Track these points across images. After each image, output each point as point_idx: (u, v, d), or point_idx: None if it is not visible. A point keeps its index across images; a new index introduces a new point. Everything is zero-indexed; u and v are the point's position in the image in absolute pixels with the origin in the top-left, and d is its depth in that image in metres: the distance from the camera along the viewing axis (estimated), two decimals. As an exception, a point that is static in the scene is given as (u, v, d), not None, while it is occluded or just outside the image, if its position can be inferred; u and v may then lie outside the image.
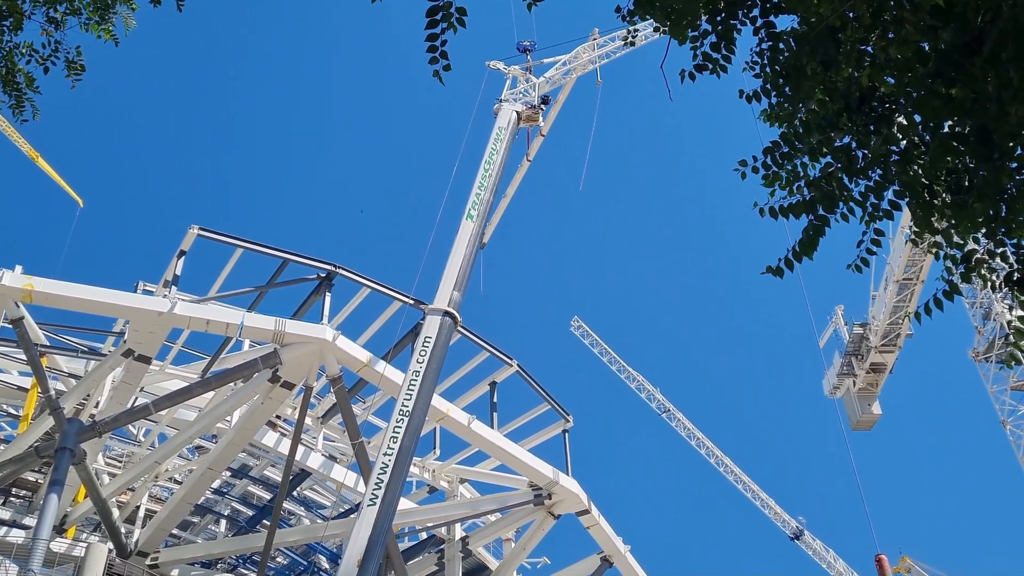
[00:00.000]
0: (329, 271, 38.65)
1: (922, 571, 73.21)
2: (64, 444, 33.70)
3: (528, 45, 46.62)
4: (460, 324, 30.77)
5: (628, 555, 44.16)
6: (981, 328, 61.13)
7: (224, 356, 41.35)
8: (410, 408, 26.19)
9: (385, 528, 23.58)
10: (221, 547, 44.06)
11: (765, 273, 10.11)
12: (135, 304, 34.18)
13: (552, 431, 45.83)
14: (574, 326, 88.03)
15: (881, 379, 64.81)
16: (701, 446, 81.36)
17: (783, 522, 78.45)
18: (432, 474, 46.99)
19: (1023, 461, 57.40)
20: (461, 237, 33.37)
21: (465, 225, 33.59)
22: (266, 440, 40.97)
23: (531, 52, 46.54)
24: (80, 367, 42.23)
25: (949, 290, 8.96)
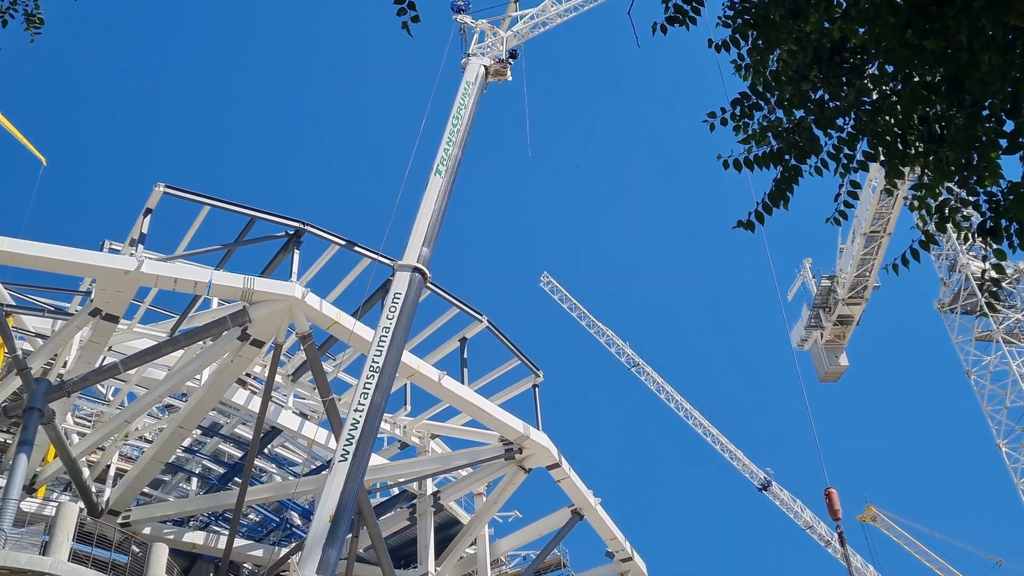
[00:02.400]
0: (297, 228, 38.43)
1: (887, 519, 74.44)
2: (32, 404, 33.48)
3: (462, 5, 45.89)
4: (430, 280, 30.71)
5: (598, 507, 44.58)
6: (947, 280, 61.75)
7: (193, 315, 41.12)
8: (380, 364, 26.16)
9: (357, 484, 23.62)
10: (193, 505, 44.04)
11: (736, 227, 10.09)
12: (101, 263, 33.86)
13: (522, 386, 46.03)
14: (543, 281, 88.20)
15: (848, 331, 65.42)
16: (670, 399, 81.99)
17: (751, 473, 79.35)
18: (403, 430, 47.12)
19: (987, 409, 58.25)
20: (430, 193, 33.22)
21: (434, 181, 33.43)
22: (236, 398, 40.89)
23: (466, 11, 45.80)
24: (47, 327, 41.86)
25: (925, 240, 8.98)
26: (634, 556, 46.53)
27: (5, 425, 38.78)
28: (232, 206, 37.66)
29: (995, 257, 8.38)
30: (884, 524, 74.97)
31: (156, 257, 36.03)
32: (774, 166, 9.51)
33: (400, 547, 46.41)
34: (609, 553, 47.07)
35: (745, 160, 9.65)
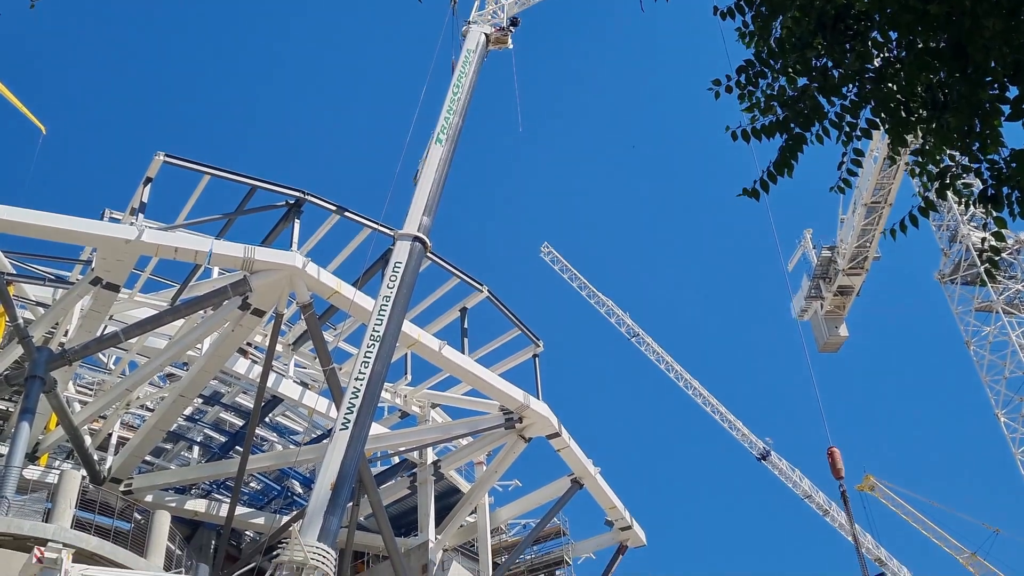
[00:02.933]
0: (298, 198, 38.38)
1: (886, 489, 74.74)
2: (34, 372, 33.60)
3: None
4: (430, 249, 30.71)
5: (598, 476, 44.77)
6: (947, 250, 61.71)
7: (193, 284, 41.12)
8: (381, 334, 26.20)
9: (357, 453, 23.71)
10: (194, 473, 44.28)
11: (741, 196, 10.10)
12: (102, 232, 33.87)
13: (522, 356, 46.12)
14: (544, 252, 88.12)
15: (848, 301, 65.45)
16: (670, 369, 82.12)
17: (750, 443, 79.60)
18: (404, 399, 47.25)
19: (985, 380, 58.38)
20: (430, 162, 33.16)
21: (434, 149, 33.37)
22: (237, 367, 40.99)
23: None
24: (48, 295, 41.90)
25: (924, 206, 8.98)
26: (633, 525, 46.77)
27: (7, 393, 38.89)
28: (232, 175, 37.61)
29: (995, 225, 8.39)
30: (882, 493, 75.28)
31: (156, 226, 36.03)
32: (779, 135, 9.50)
33: (401, 515, 46.66)
34: (608, 522, 47.34)
35: (752, 130, 9.65)
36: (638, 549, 48.13)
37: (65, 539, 27.79)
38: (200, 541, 44.23)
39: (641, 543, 47.68)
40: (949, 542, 73.38)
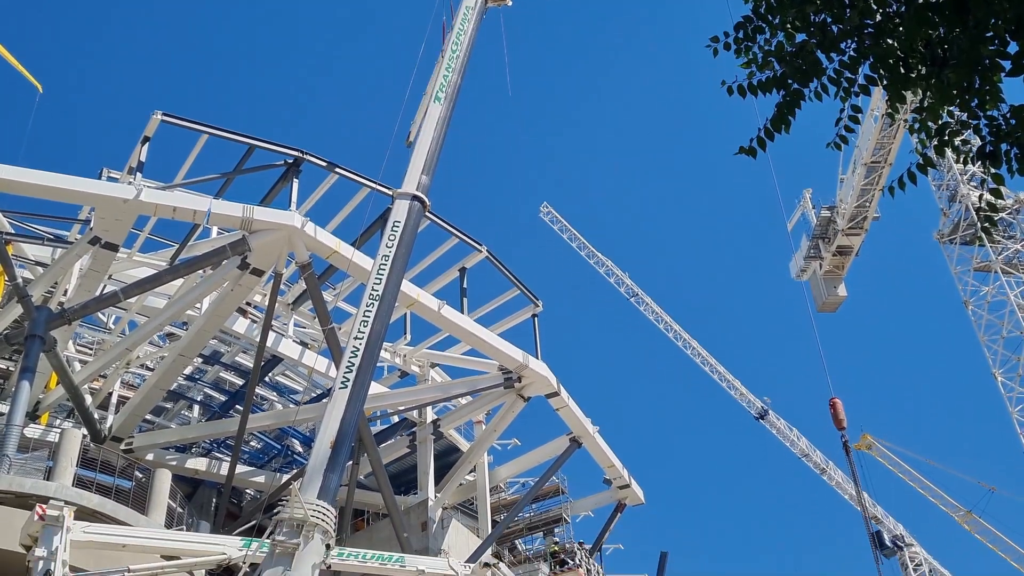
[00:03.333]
0: (296, 157, 38.27)
1: (883, 448, 75.13)
2: (34, 331, 33.66)
3: None
4: (429, 208, 30.63)
5: (597, 436, 44.98)
6: (947, 210, 61.62)
7: (192, 243, 41.10)
8: (380, 293, 26.16)
9: (357, 412, 23.75)
10: (195, 432, 44.48)
11: (738, 154, 10.07)
12: (100, 191, 33.81)
13: (522, 316, 46.20)
14: (543, 212, 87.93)
15: (847, 262, 65.46)
16: (669, 329, 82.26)
17: (748, 402, 79.88)
18: (403, 359, 47.39)
19: (983, 339, 58.50)
20: (429, 121, 32.97)
21: (433, 108, 33.14)
22: (237, 327, 41.08)
23: None
24: (46, 255, 41.88)
25: (923, 163, 8.96)
26: (631, 483, 47.06)
27: (7, 352, 38.99)
28: (230, 134, 37.47)
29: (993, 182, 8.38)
30: (879, 452, 75.70)
31: (155, 185, 35.94)
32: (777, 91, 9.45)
33: (400, 474, 46.93)
34: (607, 480, 47.64)
35: (748, 86, 9.60)
36: (636, 507, 48.51)
37: (66, 497, 27.91)
38: (201, 499, 44.53)
39: (639, 501, 48.01)
40: (945, 500, 73.91)
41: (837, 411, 55.95)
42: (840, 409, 55.24)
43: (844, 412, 54.28)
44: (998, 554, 74.07)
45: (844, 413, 54.52)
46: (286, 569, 19.93)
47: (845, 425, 55.06)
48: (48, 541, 19.69)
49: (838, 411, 55.95)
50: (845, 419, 54.91)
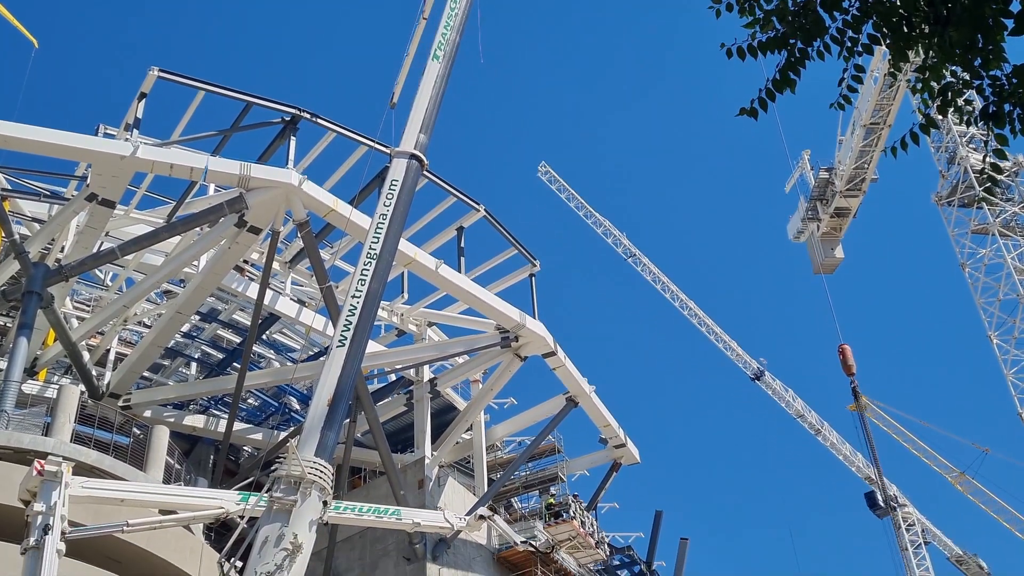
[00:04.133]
0: (294, 115, 38.10)
1: (877, 409, 75.40)
2: (31, 288, 33.65)
3: None
4: (427, 167, 30.55)
5: (593, 395, 45.17)
6: (945, 172, 61.45)
7: (189, 201, 41.04)
8: (377, 251, 26.16)
9: (354, 370, 23.82)
10: (192, 389, 44.61)
11: (740, 115, 10.02)
12: (97, 148, 33.68)
13: (519, 275, 46.24)
14: (541, 171, 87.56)
15: (845, 223, 65.35)
16: (666, 290, 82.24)
17: (744, 363, 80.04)
18: (400, 317, 47.46)
19: (979, 302, 58.58)
20: (427, 79, 32.79)
21: (431, 66, 32.94)
22: (234, 285, 41.07)
23: None
24: (43, 211, 41.81)
25: (925, 124, 8.92)
26: (627, 443, 47.31)
27: (4, 309, 38.99)
28: (227, 91, 37.29)
29: (996, 143, 8.34)
30: (874, 413, 75.82)
31: (151, 142, 35.81)
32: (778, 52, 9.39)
33: (397, 432, 47.13)
34: (603, 440, 47.88)
35: (749, 47, 9.53)
36: (632, 467, 48.81)
37: (65, 453, 28.07)
38: (199, 456, 44.77)
39: (635, 461, 48.29)
40: (939, 461, 74.29)
41: (846, 357, 56.52)
42: (849, 355, 55.74)
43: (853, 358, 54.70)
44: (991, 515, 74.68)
45: (853, 359, 54.95)
46: (283, 525, 20.06)
47: (854, 371, 55.62)
48: (47, 496, 19.77)
49: (847, 357, 56.49)
50: (854, 364, 55.40)
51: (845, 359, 58.09)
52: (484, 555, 42.74)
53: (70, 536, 19.83)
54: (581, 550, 44.94)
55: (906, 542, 75.09)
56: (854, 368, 58.08)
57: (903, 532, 75.49)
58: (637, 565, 51.58)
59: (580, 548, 44.82)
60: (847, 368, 58.12)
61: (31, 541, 19.21)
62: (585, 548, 44.84)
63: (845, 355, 58.18)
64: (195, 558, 30.79)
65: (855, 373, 57.82)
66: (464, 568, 41.09)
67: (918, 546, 75.08)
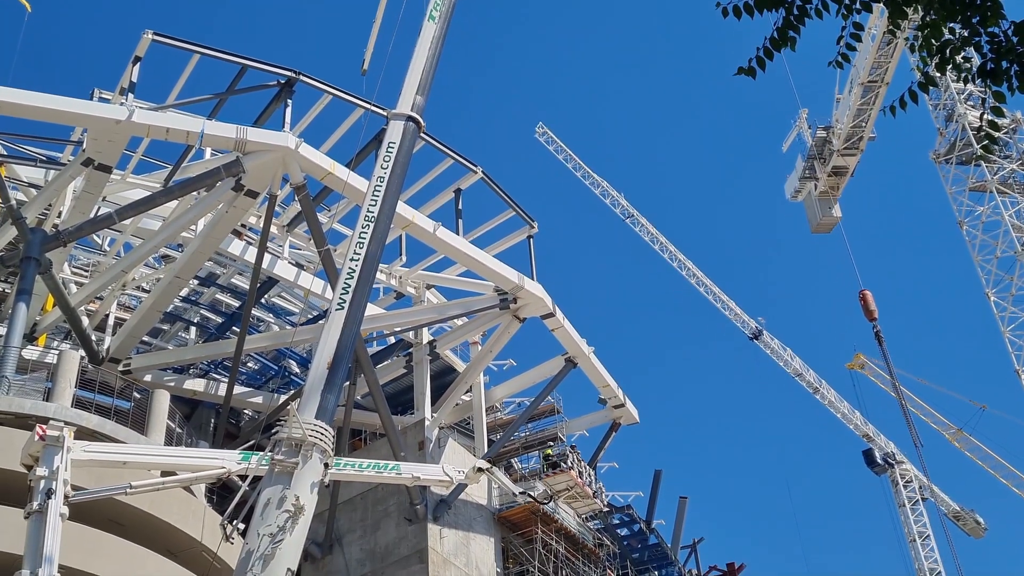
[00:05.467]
0: (289, 77, 37.93)
1: (875, 367, 75.69)
2: (29, 254, 33.67)
3: None
4: (424, 129, 30.43)
5: (591, 356, 45.32)
6: (943, 130, 61.27)
7: (186, 165, 40.92)
8: (375, 214, 26.10)
9: (353, 333, 23.85)
10: (192, 353, 44.72)
11: (738, 74, 9.98)
12: (92, 112, 33.60)
13: (517, 237, 46.24)
14: (538, 132, 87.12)
15: (842, 182, 65.19)
16: (664, 250, 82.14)
17: (743, 323, 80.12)
18: (399, 280, 47.49)
19: (977, 259, 58.62)
20: (423, 40, 32.58)
21: (427, 27, 32.69)
22: (232, 249, 41.08)
23: None
24: (40, 176, 41.70)
25: (924, 82, 8.90)
26: (626, 403, 47.52)
27: (2, 275, 39.02)
28: (223, 54, 37.09)
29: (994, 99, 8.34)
30: (872, 372, 76.30)
31: (147, 107, 35.66)
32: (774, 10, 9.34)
33: (397, 394, 47.31)
34: (602, 400, 48.10)
35: (745, 6, 9.47)
36: (631, 427, 49.06)
37: (66, 418, 28.17)
38: (200, 419, 44.93)
39: (634, 421, 48.53)
40: (936, 418, 74.76)
41: (868, 302, 56.94)
42: (871, 300, 56.10)
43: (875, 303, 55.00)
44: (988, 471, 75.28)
45: (875, 304, 55.25)
46: (285, 487, 20.18)
47: (876, 316, 55.98)
48: (49, 461, 19.85)
49: (868, 302, 56.90)
50: (876, 309, 55.73)
51: (867, 304, 58.50)
52: (485, 515, 43.08)
53: (73, 500, 19.93)
54: (579, 500, 45.35)
55: (904, 499, 75.68)
56: (876, 313, 58.47)
57: (901, 489, 76.04)
58: (637, 524, 52.06)
59: (578, 498, 45.24)
60: (869, 313, 58.53)
61: (34, 505, 19.31)
62: (583, 498, 45.26)
63: (867, 300, 58.59)
64: (197, 521, 31.02)
65: (877, 318, 58.18)
66: (465, 528, 41.44)
67: (916, 502, 75.66)
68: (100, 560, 27.87)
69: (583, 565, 45.11)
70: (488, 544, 42.44)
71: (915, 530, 74.40)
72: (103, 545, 28.28)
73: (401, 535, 40.13)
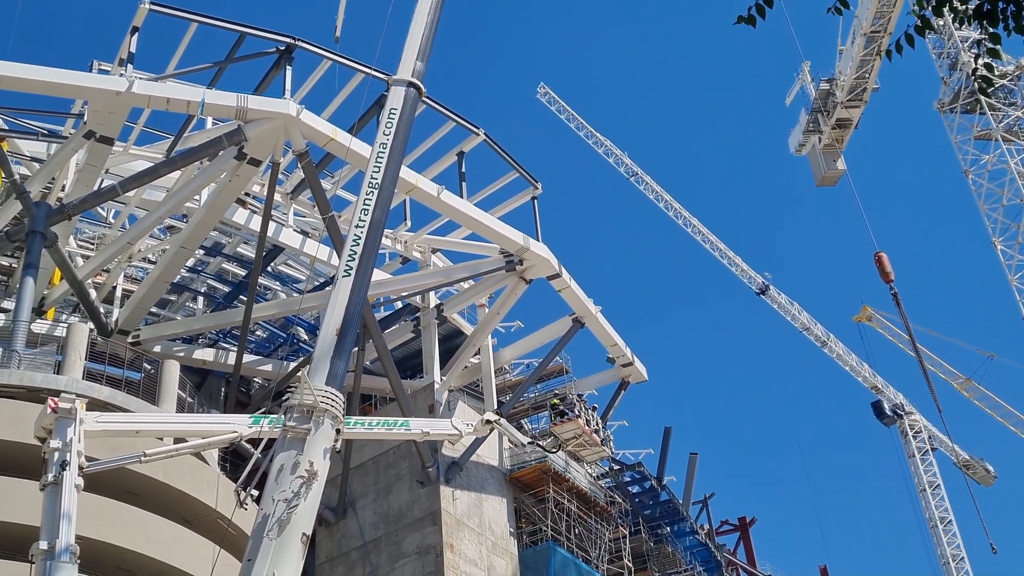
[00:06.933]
0: (288, 44, 37.76)
1: (883, 319, 75.72)
2: (34, 228, 33.76)
3: None
4: (424, 95, 30.31)
5: (599, 315, 45.38)
6: (947, 79, 60.89)
7: (188, 135, 40.85)
8: (379, 180, 26.07)
9: (361, 299, 23.87)
10: (200, 323, 44.87)
11: (737, 23, 9.93)
12: (92, 84, 33.52)
13: (521, 198, 46.14)
14: (540, 93, 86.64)
15: (846, 135, 64.87)
16: (669, 208, 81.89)
17: (749, 278, 79.98)
18: (404, 245, 47.49)
19: (983, 208, 58.46)
20: (422, 5, 32.42)
21: (425, -10, 32.53)
22: (237, 218, 41.06)
23: None
24: (42, 150, 41.68)
25: (921, 25, 8.86)
26: (634, 361, 47.63)
27: (9, 249, 39.11)
28: (220, 22, 36.95)
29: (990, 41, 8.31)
30: (879, 324, 76.34)
31: (147, 77, 35.58)
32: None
33: (406, 358, 47.47)
34: (610, 359, 48.22)
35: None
36: (640, 385, 49.22)
37: (77, 390, 28.32)
38: (210, 389, 45.17)
39: (642, 379, 48.67)
40: (945, 368, 74.82)
41: (884, 264, 57.33)
42: (887, 262, 56.37)
43: (890, 264, 55.36)
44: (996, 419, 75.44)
45: (891, 266, 55.61)
46: (299, 453, 20.33)
47: (892, 277, 56.44)
48: (62, 433, 19.96)
49: (884, 264, 57.26)
50: (892, 272, 56.14)
51: (883, 266, 58.91)
52: (496, 476, 43.35)
53: (88, 470, 20.08)
54: (587, 448, 45.54)
55: (913, 449, 75.94)
56: (892, 275, 58.81)
57: (910, 439, 76.26)
58: (648, 481, 52.32)
59: (586, 446, 45.43)
60: (885, 275, 58.94)
61: (49, 477, 19.43)
62: (591, 446, 45.44)
63: (882, 263, 58.95)
64: (211, 488, 31.28)
65: (894, 280, 58.52)
66: (477, 490, 41.71)
67: (925, 452, 75.93)
68: (116, 529, 28.20)
69: (595, 523, 45.43)
70: (501, 505, 42.74)
71: (925, 480, 74.70)
72: (119, 515, 28.59)
73: (414, 498, 40.41)
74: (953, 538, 72.61)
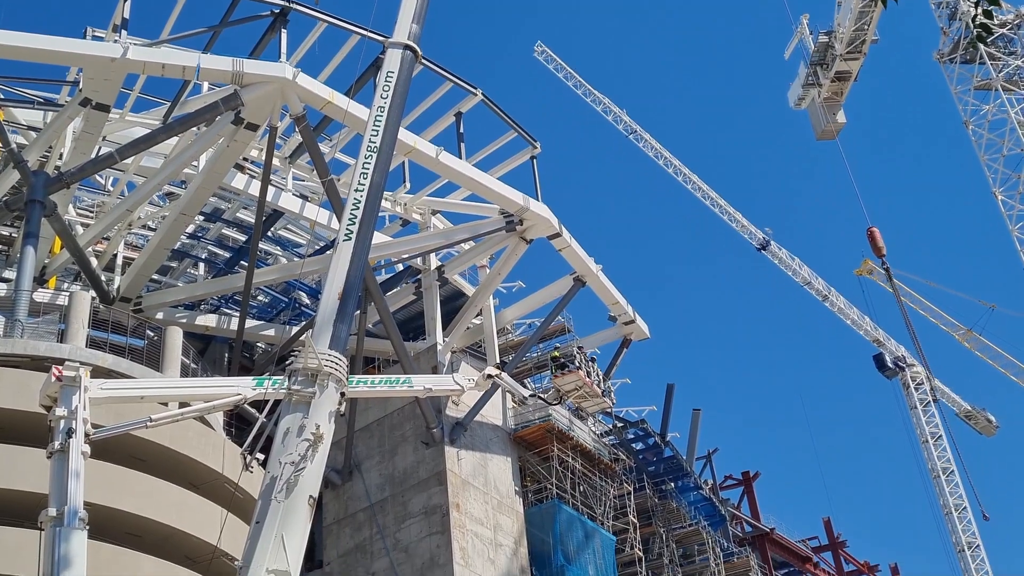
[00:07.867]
0: (283, 7, 37.57)
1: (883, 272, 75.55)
2: (33, 196, 33.70)
3: None
4: (421, 58, 30.17)
5: (600, 274, 45.43)
6: (947, 29, 60.43)
7: (184, 100, 40.67)
8: (378, 143, 26.02)
9: (362, 262, 23.91)
10: (202, 289, 44.90)
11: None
12: (87, 51, 33.36)
13: (520, 158, 46.03)
14: (537, 51, 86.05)
15: (846, 87, 64.47)
16: (668, 165, 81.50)
17: (750, 234, 79.78)
18: (404, 207, 47.42)
19: (984, 159, 58.21)
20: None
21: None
22: (236, 183, 40.99)
23: None
24: (38, 119, 41.54)
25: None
26: (636, 319, 47.73)
27: (8, 219, 39.08)
28: (214, -14, 36.72)
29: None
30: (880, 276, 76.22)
31: (141, 43, 35.39)
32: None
33: (408, 320, 47.55)
34: (612, 317, 48.33)
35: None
36: (642, 342, 49.35)
37: (81, 358, 28.37)
38: (213, 355, 45.27)
39: (645, 336, 48.80)
40: (946, 320, 74.84)
41: (876, 239, 58.01)
42: (878, 237, 57.14)
43: (882, 240, 56.04)
44: (998, 370, 75.52)
45: (883, 240, 56.28)
46: (304, 416, 20.45)
47: (884, 252, 57.18)
48: (67, 401, 20.04)
49: (876, 239, 57.98)
50: (884, 247, 56.87)
51: (875, 242, 59.51)
52: (501, 435, 43.58)
53: (94, 437, 20.18)
54: (588, 399, 45.74)
55: (915, 401, 76.13)
56: (884, 250, 59.51)
57: (912, 391, 76.45)
58: (651, 437, 52.57)
59: (587, 397, 45.62)
60: (877, 250, 59.66)
61: (56, 445, 19.54)
62: (592, 397, 45.62)
63: (874, 238, 59.54)
64: (217, 453, 31.45)
65: (885, 255, 59.23)
66: (482, 449, 41.94)
67: (927, 404, 76.09)
68: (124, 495, 28.38)
69: (600, 480, 45.73)
70: (505, 464, 43.00)
71: (927, 431, 74.95)
72: (126, 481, 28.78)
73: (419, 459, 40.65)
74: (955, 488, 72.95)
